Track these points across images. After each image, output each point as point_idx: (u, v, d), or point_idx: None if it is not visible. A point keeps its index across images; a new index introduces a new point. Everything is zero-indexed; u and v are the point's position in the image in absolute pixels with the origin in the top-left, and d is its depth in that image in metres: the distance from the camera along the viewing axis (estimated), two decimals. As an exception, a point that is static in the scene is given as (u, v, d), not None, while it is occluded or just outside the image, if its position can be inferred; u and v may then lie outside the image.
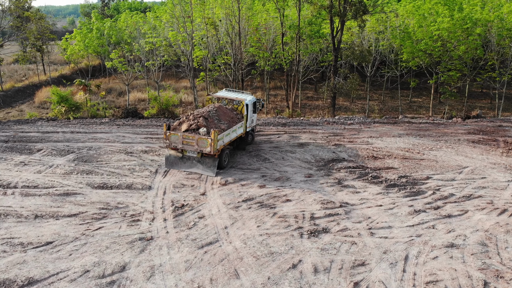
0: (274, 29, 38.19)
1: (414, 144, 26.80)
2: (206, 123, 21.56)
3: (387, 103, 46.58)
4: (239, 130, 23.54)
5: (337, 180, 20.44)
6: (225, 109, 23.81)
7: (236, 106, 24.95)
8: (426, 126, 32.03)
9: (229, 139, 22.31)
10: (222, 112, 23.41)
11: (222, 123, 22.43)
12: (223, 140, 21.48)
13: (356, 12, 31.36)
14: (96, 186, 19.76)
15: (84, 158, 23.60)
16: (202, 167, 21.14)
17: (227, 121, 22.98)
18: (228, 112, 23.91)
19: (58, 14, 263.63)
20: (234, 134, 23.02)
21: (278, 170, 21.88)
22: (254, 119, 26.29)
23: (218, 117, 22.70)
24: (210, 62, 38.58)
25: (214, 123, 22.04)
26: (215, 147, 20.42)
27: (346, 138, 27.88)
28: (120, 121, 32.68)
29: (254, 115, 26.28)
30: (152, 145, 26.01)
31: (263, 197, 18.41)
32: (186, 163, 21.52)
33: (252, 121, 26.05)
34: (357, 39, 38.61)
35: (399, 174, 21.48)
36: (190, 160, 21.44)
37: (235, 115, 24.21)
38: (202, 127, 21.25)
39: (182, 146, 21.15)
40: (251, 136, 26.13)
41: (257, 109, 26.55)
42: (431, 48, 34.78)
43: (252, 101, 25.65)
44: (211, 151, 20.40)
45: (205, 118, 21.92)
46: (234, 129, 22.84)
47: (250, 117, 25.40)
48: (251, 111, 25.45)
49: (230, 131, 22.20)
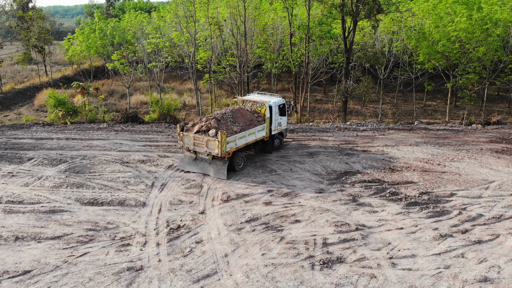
0: (282, 29, 36.27)
1: (434, 154, 24.73)
2: (218, 125, 20.92)
3: (400, 107, 44.42)
4: (259, 133, 22.66)
5: (352, 196, 18.47)
6: (244, 112, 22.96)
7: (259, 108, 23.62)
8: (444, 133, 29.91)
9: (244, 142, 21.48)
10: (240, 114, 22.44)
11: (236, 126, 21.44)
12: (236, 143, 20.83)
13: (370, 11, 29.34)
14: (85, 202, 18.00)
15: (76, 168, 21.88)
16: (213, 170, 20.73)
17: (244, 124, 21.97)
18: (248, 115, 22.87)
19: (67, 14, 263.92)
20: (252, 137, 22.14)
21: (286, 184, 19.96)
22: (282, 122, 24.89)
23: (233, 119, 21.82)
24: (215, 64, 36.77)
25: (227, 125, 21.15)
26: (223, 149, 19.85)
27: (359, 147, 25.88)
28: (119, 127, 30.94)
29: (283, 118, 24.91)
30: (150, 153, 24.22)
31: (269, 217, 16.50)
32: (199, 165, 21.18)
33: (280, 124, 24.68)
34: (369, 40, 36.53)
35: (420, 189, 19.45)
36: (202, 162, 21.07)
37: (255, 117, 23.03)
38: (213, 128, 20.57)
39: (193, 147, 20.90)
40: (278, 140, 24.88)
41: (287, 112, 25.28)
42: (449, 50, 32.62)
43: (278, 103, 24.32)
44: (219, 153, 19.88)
45: (218, 120, 21.27)
46: (252, 131, 21.99)
47: (276, 120, 24.13)
48: (276, 113, 24.13)
49: (245, 133, 21.43)
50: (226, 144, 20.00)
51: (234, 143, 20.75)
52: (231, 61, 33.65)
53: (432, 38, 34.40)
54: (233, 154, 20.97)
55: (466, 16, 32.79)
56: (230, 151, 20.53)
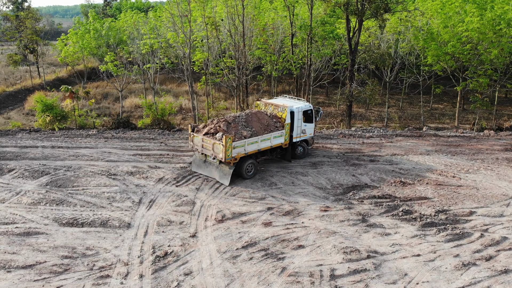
0: (283, 30, 34.42)
1: (447, 165, 22.87)
2: (227, 128, 19.96)
3: (406, 110, 42.55)
4: (275, 139, 21.29)
5: (361, 216, 16.61)
6: (262, 116, 21.59)
7: (280, 113, 22.09)
8: (456, 141, 28.04)
9: (255, 148, 20.35)
10: (256, 118, 21.14)
11: (248, 130, 20.29)
12: (245, 148, 19.83)
13: (377, 10, 27.47)
14: (64, 222, 16.17)
15: (59, 182, 20.05)
16: (219, 174, 19.92)
17: (258, 128, 20.71)
18: (265, 119, 21.46)
19: (66, 14, 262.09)
20: (266, 143, 20.88)
21: (288, 200, 18.11)
22: (307, 129, 23.21)
23: (246, 123, 20.66)
24: (212, 66, 34.95)
25: (237, 129, 20.08)
26: (227, 154, 18.97)
27: (366, 156, 24.03)
28: (109, 133, 29.09)
29: (309, 125, 23.25)
30: (140, 164, 22.38)
31: (268, 241, 14.66)
32: (207, 168, 20.52)
33: (304, 132, 23.01)
34: (375, 41, 34.66)
35: (436, 207, 17.60)
36: (210, 165, 20.36)
37: (273, 122, 21.51)
38: (221, 131, 19.65)
39: (201, 149, 20.35)
40: (301, 148, 23.26)
41: (314, 119, 23.58)
42: (459, 51, 30.75)
43: (302, 109, 22.65)
44: (223, 158, 19.03)
45: (228, 122, 20.33)
46: (266, 137, 20.74)
47: (298, 126, 22.54)
48: (300, 120, 22.50)
49: (257, 139, 20.28)
50: (231, 149, 19.04)
51: (242, 148, 19.67)
52: (229, 63, 31.79)
53: (441, 39, 32.53)
54: (241, 160, 19.85)
55: (478, 15, 30.92)
56: (237, 156, 19.48)
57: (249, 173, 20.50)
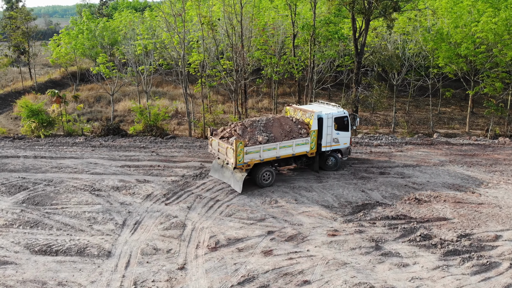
0: (284, 30, 32.42)
1: (464, 178, 20.89)
2: (242, 133, 19.10)
3: (413, 114, 40.52)
4: (298, 147, 19.82)
5: (374, 241, 14.63)
6: (285, 121, 20.28)
7: (307, 119, 20.37)
8: (470, 149, 26.07)
9: (273, 155, 19.15)
10: (278, 124, 19.90)
11: (265, 135, 19.10)
12: (260, 155, 18.79)
13: (385, 9, 25.49)
14: (37, 249, 14.20)
15: (37, 198, 18.09)
16: (233, 180, 19.00)
17: (279, 135, 19.48)
18: (288, 125, 20.08)
19: (65, 14, 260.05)
20: (287, 151, 19.52)
21: (290, 221, 16.13)
22: (340, 138, 21.26)
23: (264, 128, 19.51)
24: (209, 68, 32.96)
25: (253, 134, 19.09)
26: (238, 160, 18.09)
27: (375, 168, 22.06)
28: (97, 141, 27.12)
29: (342, 133, 21.31)
30: (127, 177, 20.41)
31: (268, 276, 12.67)
32: (224, 173, 19.72)
33: (336, 140, 21.10)
34: (382, 42, 32.67)
35: (457, 230, 15.61)
36: (227, 170, 19.50)
37: (297, 129, 19.89)
38: (236, 135, 18.89)
39: (218, 154, 19.74)
40: (333, 158, 21.33)
41: (350, 127, 21.60)
42: (473, 54, 28.75)
43: (334, 115, 20.74)
44: (234, 163, 18.19)
45: (245, 127, 19.40)
46: (287, 144, 19.38)
47: (329, 134, 20.80)
48: (330, 127, 20.73)
49: (276, 145, 19.06)
50: (243, 154, 18.16)
51: (257, 155, 18.68)
52: (227, 65, 29.76)
53: (452, 40, 30.53)
54: (256, 167, 18.87)
55: (492, 15, 28.91)
56: (250, 162, 18.55)
57: (266, 181, 19.23)
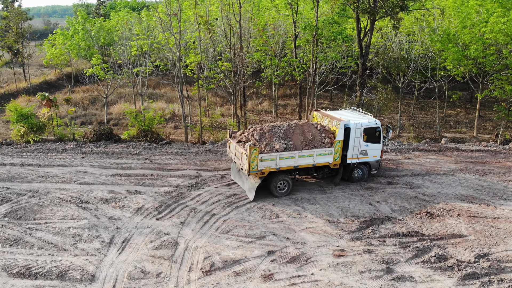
0: (285, 30, 31.08)
1: (477, 189, 19.58)
2: (260, 138, 18.09)
3: (418, 117, 39.22)
4: (320, 157, 18.51)
5: (385, 263, 13.31)
6: (309, 128, 18.95)
7: (334, 128, 18.99)
8: (481, 156, 24.76)
9: (291, 163, 18.03)
10: (300, 131, 18.66)
11: (283, 143, 17.96)
12: (276, 163, 17.75)
13: (392, 8, 24.17)
14: (15, 272, 12.92)
15: (19, 212, 16.79)
16: (247, 186, 18.18)
17: (299, 142, 18.25)
18: (311, 133, 18.73)
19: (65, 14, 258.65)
20: (307, 160, 18.24)
21: (293, 239, 14.81)
22: (369, 150, 19.61)
23: (284, 135, 18.33)
24: (207, 69, 31.66)
25: (271, 140, 17.99)
26: (252, 166, 17.23)
27: (382, 177, 20.72)
28: (89, 147, 25.79)
29: (372, 145, 19.64)
30: (118, 188, 19.09)
31: (269, 305, 11.37)
32: (241, 178, 18.91)
33: (364, 153, 19.52)
34: (387, 43, 31.33)
35: (474, 249, 14.30)
36: (244, 175, 18.51)
37: (320, 137, 18.58)
38: (253, 141, 18.01)
39: (234, 157, 18.96)
40: (359, 171, 19.80)
41: (382, 139, 19.91)
42: (483, 56, 27.43)
43: (363, 125, 19.16)
44: (247, 170, 17.34)
45: (263, 132, 18.36)
46: (308, 154, 18.13)
47: (356, 145, 19.24)
48: (358, 138, 19.17)
49: (294, 154, 17.88)
50: (257, 161, 17.24)
51: (273, 162, 17.68)
52: (225, 66, 28.43)
53: (460, 41, 29.22)
54: (271, 175, 17.91)
55: (502, 15, 27.62)
56: (264, 170, 17.55)
57: (281, 191, 18.23)
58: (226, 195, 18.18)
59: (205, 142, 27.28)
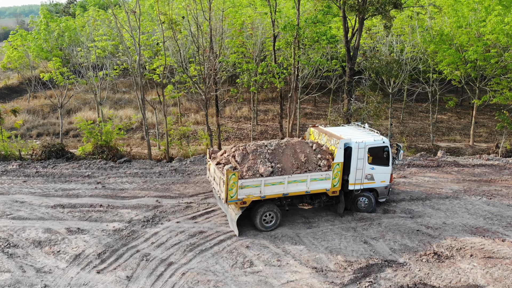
0: (263, 29, 27.86)
1: (487, 217, 16.67)
2: (242, 160, 15.13)
3: (408, 124, 36.54)
4: (315, 183, 15.40)
5: (388, 338, 10.18)
6: (302, 148, 15.90)
7: (332, 147, 15.98)
8: (484, 173, 21.96)
9: (279, 190, 15.01)
10: (291, 151, 15.67)
11: (269, 166, 14.94)
12: (261, 190, 14.75)
13: (383, 6, 21.18)
14: None
15: None
16: (229, 217, 15.44)
17: (289, 165, 15.22)
18: (305, 153, 15.69)
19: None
20: (299, 186, 15.21)
21: (269, 298, 11.57)
22: (376, 174, 16.49)
23: (272, 156, 15.37)
24: (178, 74, 28.24)
25: (255, 162, 14.99)
26: (230, 194, 14.36)
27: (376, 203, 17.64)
28: (34, 167, 22.10)
29: (380, 168, 16.56)
30: (57, 224, 15.54)
31: None
32: (223, 205, 15.90)
33: (370, 177, 16.39)
34: (377, 44, 28.40)
35: (500, 310, 11.30)
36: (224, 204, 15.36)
37: (315, 159, 15.44)
38: (234, 163, 15.08)
39: (213, 182, 16.06)
40: (365, 199, 16.60)
41: (391, 160, 16.71)
42: (483, 58, 24.70)
43: (368, 144, 16.07)
44: (224, 199, 14.48)
45: (246, 152, 15.40)
46: (299, 179, 15.12)
47: (359, 168, 16.16)
48: (362, 159, 16.09)
49: (282, 179, 14.89)
50: (237, 188, 14.37)
51: (257, 189, 14.71)
52: (197, 70, 25.02)
53: (456, 42, 26.45)
54: (255, 204, 15.08)
55: (502, 14, 24.94)
56: (246, 199, 14.66)
57: (267, 224, 15.31)
58: (189, 234, 14.83)
59: (172, 158, 23.87)
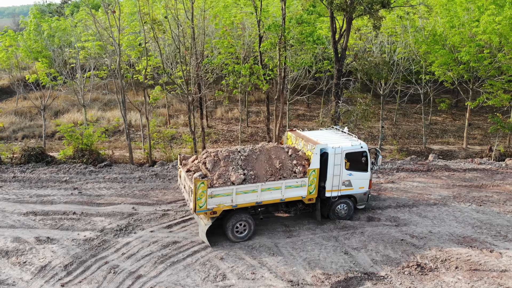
0: (249, 30, 27.22)
1: (475, 225, 16.03)
2: (212, 167, 14.44)
3: (401, 125, 35.92)
4: (290, 190, 14.74)
5: None
6: (277, 154, 15.22)
7: (309, 152, 15.34)
8: (475, 177, 21.32)
9: (252, 199, 14.37)
10: (266, 157, 14.98)
11: (241, 173, 14.28)
12: (232, 199, 14.09)
13: (371, 5, 20.52)
14: None
15: None
16: (200, 227, 14.68)
17: (263, 172, 14.56)
18: (280, 159, 15.03)
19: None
20: (274, 194, 14.55)
21: (239, 315, 10.94)
22: (354, 181, 15.94)
23: (245, 162, 14.69)
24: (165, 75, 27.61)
25: (226, 170, 14.32)
26: (199, 204, 13.67)
27: (360, 211, 16.99)
28: (12, 172, 21.45)
29: (358, 174, 15.99)
30: (27, 233, 14.90)
31: None
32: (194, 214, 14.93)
33: (347, 184, 15.81)
34: (367, 45, 27.75)
35: (483, 328, 10.66)
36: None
37: (291, 165, 14.83)
38: (204, 171, 14.36)
39: (183, 190, 15.45)
40: (344, 206, 16.06)
41: (370, 166, 16.16)
42: (476, 59, 24.06)
43: (345, 149, 15.46)
44: (193, 208, 13.79)
45: (218, 159, 14.69)
46: (273, 186, 14.45)
47: (336, 175, 15.55)
48: (339, 165, 15.46)
49: (255, 187, 14.24)
50: (206, 198, 13.71)
51: (228, 198, 14.05)
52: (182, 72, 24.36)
53: (448, 42, 25.83)
54: (226, 214, 14.40)
55: (495, 13, 24.30)
56: (216, 208, 14.00)
57: (240, 234, 14.58)
58: (161, 244, 14.18)
59: (155, 162, 23.22)
